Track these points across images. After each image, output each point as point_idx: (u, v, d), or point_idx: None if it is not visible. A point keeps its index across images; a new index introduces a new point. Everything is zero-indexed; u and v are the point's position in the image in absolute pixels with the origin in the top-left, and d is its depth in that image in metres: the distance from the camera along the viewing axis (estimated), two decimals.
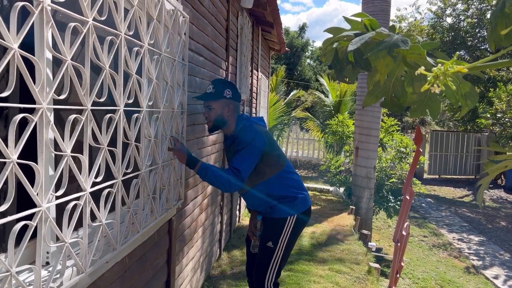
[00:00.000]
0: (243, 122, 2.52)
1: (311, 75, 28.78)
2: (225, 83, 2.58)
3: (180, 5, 2.42)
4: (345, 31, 1.20)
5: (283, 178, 2.55)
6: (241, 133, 2.46)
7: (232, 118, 2.52)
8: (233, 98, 2.49)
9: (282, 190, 2.53)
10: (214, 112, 2.47)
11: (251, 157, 2.36)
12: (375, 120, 7.69)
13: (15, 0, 1.13)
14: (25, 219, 1.14)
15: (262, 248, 2.56)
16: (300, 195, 2.57)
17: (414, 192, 7.96)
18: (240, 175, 2.30)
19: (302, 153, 14.59)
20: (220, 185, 2.33)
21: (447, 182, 14.59)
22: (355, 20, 1.21)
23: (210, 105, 2.47)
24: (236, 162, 2.33)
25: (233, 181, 2.29)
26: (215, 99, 2.45)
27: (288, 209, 2.53)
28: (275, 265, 2.54)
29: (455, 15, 14.77)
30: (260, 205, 2.61)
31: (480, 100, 14.54)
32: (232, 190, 2.36)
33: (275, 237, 2.53)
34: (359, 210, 7.65)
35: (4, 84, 1.19)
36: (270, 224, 2.57)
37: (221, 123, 2.51)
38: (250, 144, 2.37)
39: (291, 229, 2.53)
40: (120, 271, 1.86)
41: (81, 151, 1.42)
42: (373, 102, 1.25)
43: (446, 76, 0.93)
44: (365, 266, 4.63)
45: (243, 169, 2.31)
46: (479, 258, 7.21)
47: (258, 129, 2.45)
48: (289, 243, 2.56)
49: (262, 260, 2.57)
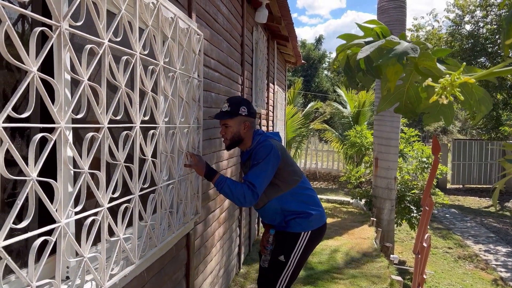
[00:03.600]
0: (259, 137, 2.54)
1: (329, 86, 28.73)
2: (240, 100, 2.59)
3: (195, 23, 2.48)
4: (359, 37, 1.21)
5: (298, 194, 2.54)
6: (257, 148, 2.47)
7: (248, 135, 2.54)
8: (249, 115, 2.52)
9: (297, 205, 2.53)
10: (231, 131, 2.49)
11: (266, 172, 2.37)
12: (394, 130, 7.60)
13: (35, 25, 1.19)
14: (45, 234, 1.18)
15: (273, 262, 2.55)
16: (315, 211, 2.55)
17: (436, 202, 7.72)
18: (255, 189, 2.31)
19: (322, 164, 14.49)
20: (235, 198, 2.34)
21: (471, 191, 14.24)
22: (367, 27, 1.22)
23: (227, 124, 2.50)
24: (251, 176, 2.35)
25: (248, 195, 2.30)
26: (231, 117, 2.48)
27: (303, 224, 2.52)
28: (284, 279, 2.51)
29: (474, 22, 14.56)
30: (274, 219, 2.60)
31: (504, 107, 14.22)
32: (246, 204, 2.36)
33: (287, 251, 2.51)
34: (380, 221, 7.52)
35: (25, 105, 1.25)
36: (284, 238, 2.56)
37: (238, 141, 2.53)
38: (265, 159, 2.38)
39: (304, 245, 2.52)
40: (138, 285, 1.89)
41: (99, 167, 1.47)
42: (387, 108, 1.25)
43: (454, 87, 0.93)
44: (387, 279, 4.54)
45: (258, 183, 2.32)
46: (507, 269, 6.97)
47: (273, 144, 2.46)
48: (301, 259, 2.53)
49: (272, 273, 2.55)
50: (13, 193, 1.28)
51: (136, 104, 1.71)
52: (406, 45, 1.05)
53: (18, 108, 1.28)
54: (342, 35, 1.22)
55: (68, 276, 1.44)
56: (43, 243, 1.17)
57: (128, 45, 1.65)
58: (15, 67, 1.22)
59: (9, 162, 1.22)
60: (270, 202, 2.53)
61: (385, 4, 7.45)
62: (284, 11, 5.38)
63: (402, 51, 1.04)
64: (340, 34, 1.20)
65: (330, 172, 14.19)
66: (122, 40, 1.56)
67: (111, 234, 1.57)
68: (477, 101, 1.08)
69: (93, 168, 1.41)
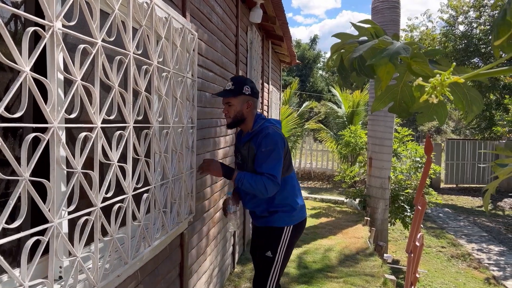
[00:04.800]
0: (262, 122, 2.56)
1: (323, 86, 28.80)
2: (244, 79, 2.59)
3: (189, 23, 2.48)
4: (353, 37, 1.23)
5: (286, 184, 2.58)
6: (262, 133, 2.47)
7: (251, 115, 2.56)
8: (252, 95, 2.53)
9: (282, 196, 2.55)
10: (234, 109, 2.51)
11: (279, 161, 2.42)
12: (388, 130, 7.64)
13: (28, 25, 1.19)
14: (38, 234, 1.18)
15: (262, 258, 2.58)
16: (297, 205, 2.61)
17: (430, 202, 7.77)
18: (276, 180, 2.38)
19: (316, 164, 14.52)
20: (257, 191, 2.39)
21: (464, 191, 14.33)
22: (362, 26, 1.23)
23: (230, 102, 2.51)
24: (268, 168, 2.39)
25: (269, 186, 2.36)
26: (234, 96, 2.49)
27: (286, 219, 2.57)
28: (275, 274, 2.56)
29: (467, 22, 14.66)
30: (258, 206, 2.61)
31: (496, 107, 14.32)
32: (269, 194, 2.41)
33: (273, 246, 2.56)
34: (374, 221, 7.56)
35: (17, 104, 1.25)
36: (268, 234, 2.60)
37: (240, 120, 2.55)
38: (276, 147, 2.42)
39: (288, 238, 2.58)
40: (132, 285, 1.89)
41: (92, 167, 1.47)
42: (381, 107, 1.26)
43: (444, 87, 0.94)
44: (380, 278, 4.56)
45: (276, 173, 2.39)
46: (500, 268, 7.03)
47: (278, 131, 2.50)
48: (287, 252, 2.59)
49: (262, 269, 2.59)
50: (5, 193, 1.28)
51: (130, 104, 1.71)
52: (399, 45, 1.06)
53: (11, 108, 1.27)
54: (337, 34, 1.23)
55: (61, 276, 1.44)
56: (36, 243, 1.17)
57: (121, 45, 1.65)
58: (7, 66, 1.22)
59: (2, 161, 1.22)
60: None
61: (379, 4, 7.49)
62: (279, 11, 5.39)
63: (394, 51, 1.05)
64: (336, 33, 1.21)
65: (325, 172, 14.22)
66: (116, 40, 1.56)
67: (104, 233, 1.57)
68: (469, 101, 1.10)
69: (86, 168, 1.41)
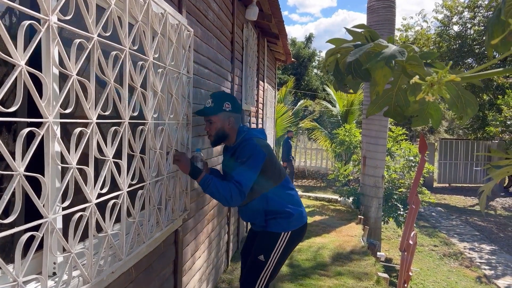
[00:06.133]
0: (243, 134, 2.52)
1: (318, 85, 28.84)
2: (224, 96, 2.55)
3: (185, 20, 2.47)
4: (347, 42, 1.23)
5: (280, 193, 2.53)
6: (242, 145, 2.44)
7: (233, 131, 2.52)
8: (233, 111, 2.49)
9: (278, 205, 2.51)
10: (215, 126, 2.47)
11: (251, 171, 2.35)
12: (382, 129, 7.67)
13: (23, 18, 1.18)
14: (32, 230, 1.17)
15: (253, 261, 2.54)
16: (295, 211, 2.54)
17: (423, 201, 7.82)
18: (242, 188, 2.29)
19: (310, 162, 14.56)
20: (222, 197, 2.30)
21: (457, 190, 14.44)
22: (356, 31, 1.23)
23: (210, 119, 2.47)
24: (238, 176, 2.32)
25: (235, 194, 2.27)
26: (215, 113, 2.45)
27: (284, 224, 2.51)
28: (264, 279, 2.51)
29: (461, 23, 14.76)
30: (255, 218, 2.59)
31: (489, 107, 14.44)
32: (233, 203, 2.32)
33: (267, 251, 2.51)
34: (367, 219, 7.60)
35: (12, 99, 1.24)
36: (264, 238, 2.55)
37: (222, 137, 2.51)
38: (250, 157, 2.36)
39: (284, 245, 2.51)
40: (126, 281, 1.88)
41: (87, 163, 1.46)
42: (377, 112, 1.27)
43: (441, 85, 0.95)
44: (373, 276, 4.59)
45: (244, 182, 2.30)
46: (491, 267, 7.10)
47: (258, 143, 2.44)
48: (281, 258, 2.53)
49: (251, 273, 2.55)
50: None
51: (125, 100, 1.70)
52: (394, 48, 1.06)
53: (5, 102, 1.26)
54: (331, 40, 1.24)
55: (55, 272, 1.43)
56: (30, 239, 1.16)
57: (117, 40, 1.64)
58: (2, 60, 1.21)
59: None
60: (253, 201, 2.52)
61: (375, 3, 7.51)
62: (275, 9, 5.38)
63: (390, 55, 1.05)
64: (330, 39, 1.22)
65: (319, 170, 14.27)
66: (112, 35, 1.55)
67: (99, 230, 1.56)
68: (463, 104, 1.10)
69: (81, 164, 1.40)
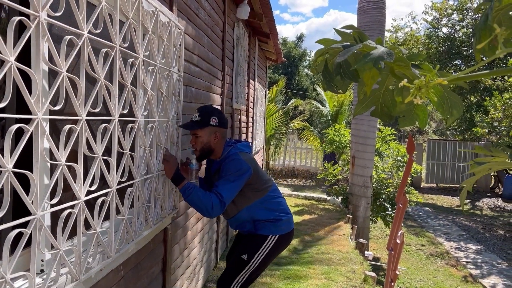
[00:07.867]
0: (229, 149, 2.51)
1: (309, 84, 28.96)
2: (211, 110, 2.52)
3: (176, 17, 2.46)
4: (336, 42, 1.24)
5: (268, 202, 2.56)
6: (226, 161, 2.44)
7: (219, 146, 2.50)
8: (220, 125, 2.47)
9: (266, 213, 2.55)
10: (201, 141, 2.45)
11: (234, 184, 2.35)
12: (371, 129, 7.74)
13: (13, 14, 1.17)
14: (20, 226, 1.16)
15: (236, 259, 2.56)
16: (284, 217, 2.59)
17: (410, 201, 7.90)
18: (223, 199, 2.28)
19: (300, 161, 14.61)
20: (203, 207, 2.28)
21: (444, 190, 14.61)
22: (345, 32, 1.25)
23: (196, 134, 2.45)
24: (220, 187, 2.32)
25: (216, 204, 2.26)
26: (201, 128, 2.43)
27: (272, 228, 2.55)
28: (242, 279, 2.53)
29: (450, 25, 14.93)
30: (244, 227, 2.63)
31: (477, 109, 14.62)
32: (213, 214, 2.30)
33: (252, 251, 2.53)
34: (356, 219, 7.66)
35: (1, 95, 1.23)
36: (251, 238, 2.58)
37: (208, 152, 2.49)
38: (234, 174, 2.36)
39: (270, 248, 2.53)
40: (115, 279, 1.88)
41: (76, 160, 1.45)
42: (363, 111, 1.29)
43: (428, 88, 0.97)
44: (361, 275, 4.63)
45: (225, 194, 2.30)
46: (477, 267, 7.21)
47: (243, 158, 2.44)
48: (264, 261, 2.54)
49: (232, 269, 2.57)
50: None
51: (115, 97, 1.70)
52: (382, 50, 1.08)
53: None
54: (320, 40, 1.25)
55: (43, 269, 1.42)
56: (18, 235, 1.16)
57: (108, 38, 1.63)
58: None
59: None
60: (240, 212, 2.55)
61: (366, 4, 7.56)
62: (266, 8, 5.40)
63: (378, 56, 1.07)
64: (319, 39, 1.23)
65: (308, 169, 14.32)
66: (102, 32, 1.55)
67: (87, 227, 1.56)
68: (449, 106, 1.13)
69: (71, 161, 1.40)
